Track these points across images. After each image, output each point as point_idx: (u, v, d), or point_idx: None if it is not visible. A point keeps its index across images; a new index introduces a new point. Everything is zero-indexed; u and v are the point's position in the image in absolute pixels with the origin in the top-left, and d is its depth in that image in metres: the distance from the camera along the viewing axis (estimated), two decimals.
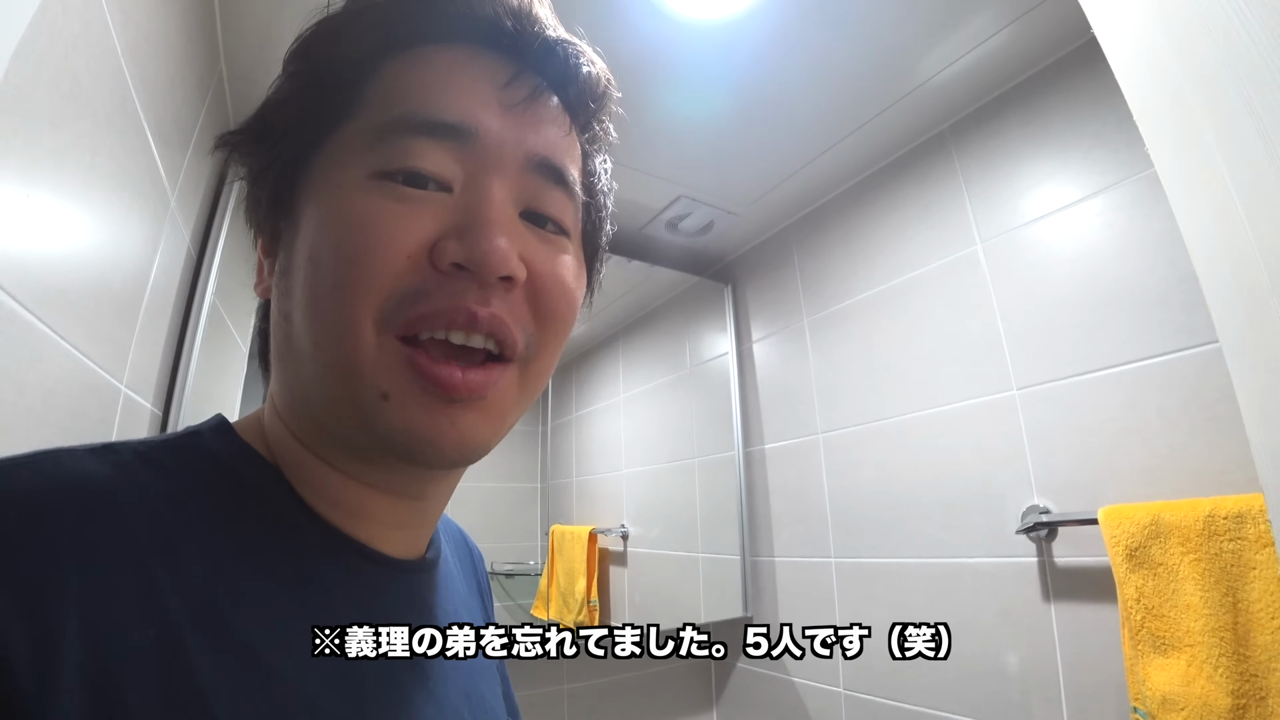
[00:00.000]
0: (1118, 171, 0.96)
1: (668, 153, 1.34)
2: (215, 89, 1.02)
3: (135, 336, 0.80)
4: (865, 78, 1.12)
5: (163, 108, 0.77)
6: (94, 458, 0.29)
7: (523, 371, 0.37)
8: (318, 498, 0.36)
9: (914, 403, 1.23)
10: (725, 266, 1.87)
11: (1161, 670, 0.75)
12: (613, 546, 2.06)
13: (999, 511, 1.05)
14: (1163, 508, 0.80)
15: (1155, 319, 0.89)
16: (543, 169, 0.36)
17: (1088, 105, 1.01)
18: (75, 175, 0.56)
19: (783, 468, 1.56)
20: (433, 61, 0.36)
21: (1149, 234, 0.91)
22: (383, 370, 0.32)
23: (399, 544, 0.39)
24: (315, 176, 0.35)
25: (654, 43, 1.03)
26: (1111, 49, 0.49)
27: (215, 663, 0.26)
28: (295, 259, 0.34)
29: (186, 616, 0.26)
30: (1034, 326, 1.05)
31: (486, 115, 0.35)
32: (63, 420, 0.59)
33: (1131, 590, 0.79)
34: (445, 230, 0.33)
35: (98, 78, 0.58)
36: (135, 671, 0.24)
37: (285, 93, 0.37)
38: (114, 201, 0.66)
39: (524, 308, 0.35)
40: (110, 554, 0.26)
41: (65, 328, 0.56)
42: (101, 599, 0.24)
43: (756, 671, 1.54)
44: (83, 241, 0.59)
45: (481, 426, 0.34)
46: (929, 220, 1.26)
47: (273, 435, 0.37)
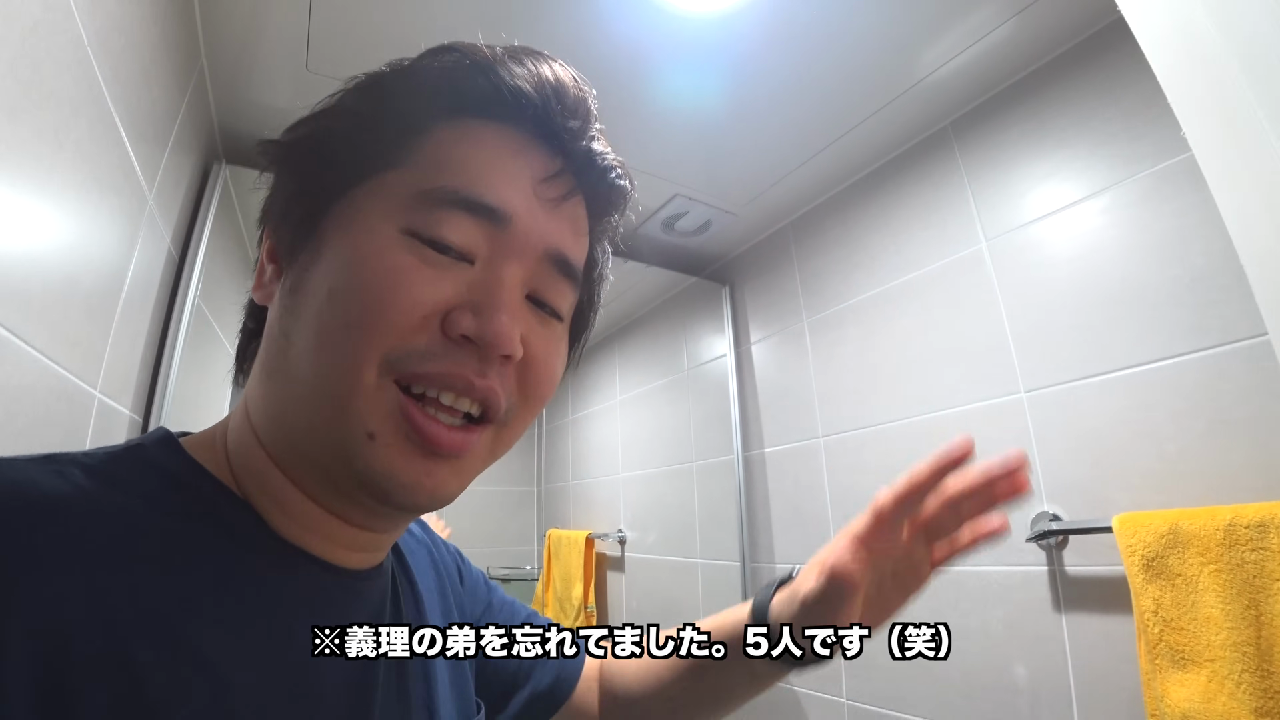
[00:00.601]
0: (1126, 167, 0.93)
1: (663, 150, 1.31)
2: (196, 84, 0.99)
3: (110, 339, 0.77)
4: (864, 73, 1.09)
5: (137, 101, 0.74)
6: (37, 467, 0.29)
7: (497, 433, 0.39)
8: (278, 511, 0.37)
9: (917, 406, 1.20)
10: (722, 267, 1.84)
11: (1181, 686, 0.72)
12: (610, 551, 2.03)
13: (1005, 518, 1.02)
14: (1180, 515, 0.77)
15: (1167, 319, 0.87)
16: (556, 262, 0.39)
17: (1094, 100, 0.99)
18: (37, 170, 0.53)
19: (782, 472, 1.53)
20: (486, 141, 0.38)
21: (1160, 231, 0.89)
22: (374, 412, 0.33)
23: (353, 561, 0.40)
24: (351, 211, 0.37)
25: (649, 37, 1.00)
26: (1140, 25, 0.46)
27: (166, 674, 0.26)
28: (310, 284, 0.36)
29: (136, 627, 0.26)
30: (1041, 327, 1.02)
31: (522, 204, 0.37)
32: (28, 428, 0.56)
33: (1149, 601, 0.76)
34: (461, 301, 0.35)
35: (62, 66, 0.55)
36: (84, 683, 0.24)
37: (343, 125, 0.39)
38: (83, 198, 0.63)
39: (512, 381, 0.38)
40: (57, 564, 0.26)
41: (28, 331, 0.54)
42: (49, 610, 0.24)
43: None
44: (47, 240, 0.56)
45: (452, 481, 0.37)
46: (931, 219, 1.23)
47: (238, 443, 0.38)
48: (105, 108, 0.65)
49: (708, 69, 1.08)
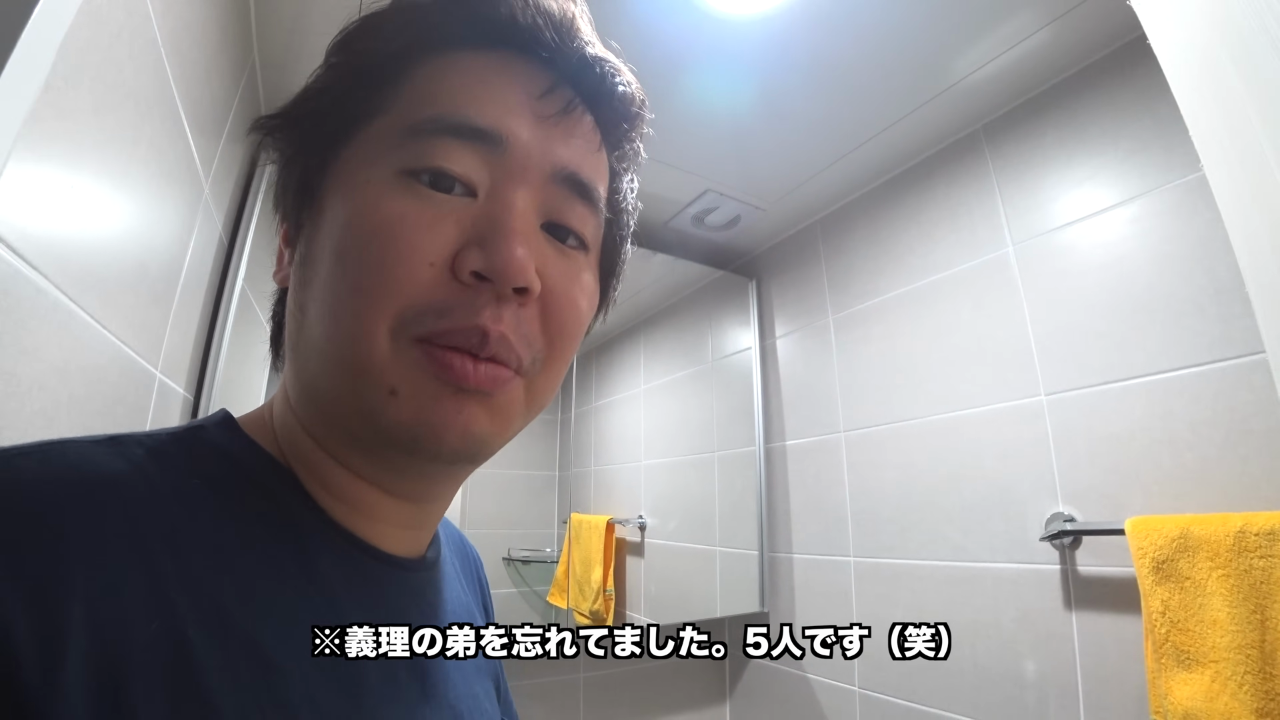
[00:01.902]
0: (1156, 177, 0.94)
1: (695, 146, 1.33)
2: (248, 77, 1.03)
3: (170, 322, 0.81)
4: (899, 75, 1.11)
5: (199, 96, 0.78)
6: (101, 449, 0.29)
7: (529, 386, 0.37)
8: (325, 492, 0.36)
9: (938, 405, 1.22)
10: (750, 261, 1.85)
11: (1184, 685, 0.74)
12: (630, 537, 2.07)
13: (1020, 517, 1.04)
14: (1192, 521, 0.78)
15: (1190, 329, 0.88)
16: (569, 182, 0.37)
17: (1127, 108, 0.99)
18: (116, 163, 0.56)
19: (803, 465, 1.56)
20: (470, 66, 0.36)
21: (1186, 242, 0.89)
22: (393, 369, 0.32)
23: (402, 543, 0.40)
24: (344, 169, 0.35)
25: (685, 36, 1.02)
26: (1162, 50, 0.48)
27: (220, 658, 0.26)
28: (317, 252, 0.35)
29: (192, 611, 0.26)
30: (1064, 332, 1.03)
31: (518, 124, 0.35)
32: (102, 406, 0.60)
33: (1157, 603, 0.78)
34: (468, 238, 0.33)
35: (140, 67, 0.58)
36: (140, 666, 0.24)
37: (323, 82, 0.38)
38: (152, 189, 0.67)
39: (534, 324, 0.36)
40: (117, 548, 0.26)
41: (105, 315, 0.57)
42: (108, 593, 0.24)
43: (771, 667, 1.55)
44: (122, 229, 0.60)
45: (485, 420, 0.34)
46: (959, 221, 1.24)
47: (283, 428, 0.37)
48: (173, 104, 0.69)
49: (742, 68, 1.10)
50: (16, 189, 0.39)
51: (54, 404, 0.49)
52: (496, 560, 1.66)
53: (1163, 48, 0.50)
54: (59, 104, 0.43)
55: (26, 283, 0.42)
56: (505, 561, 1.70)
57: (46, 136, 0.42)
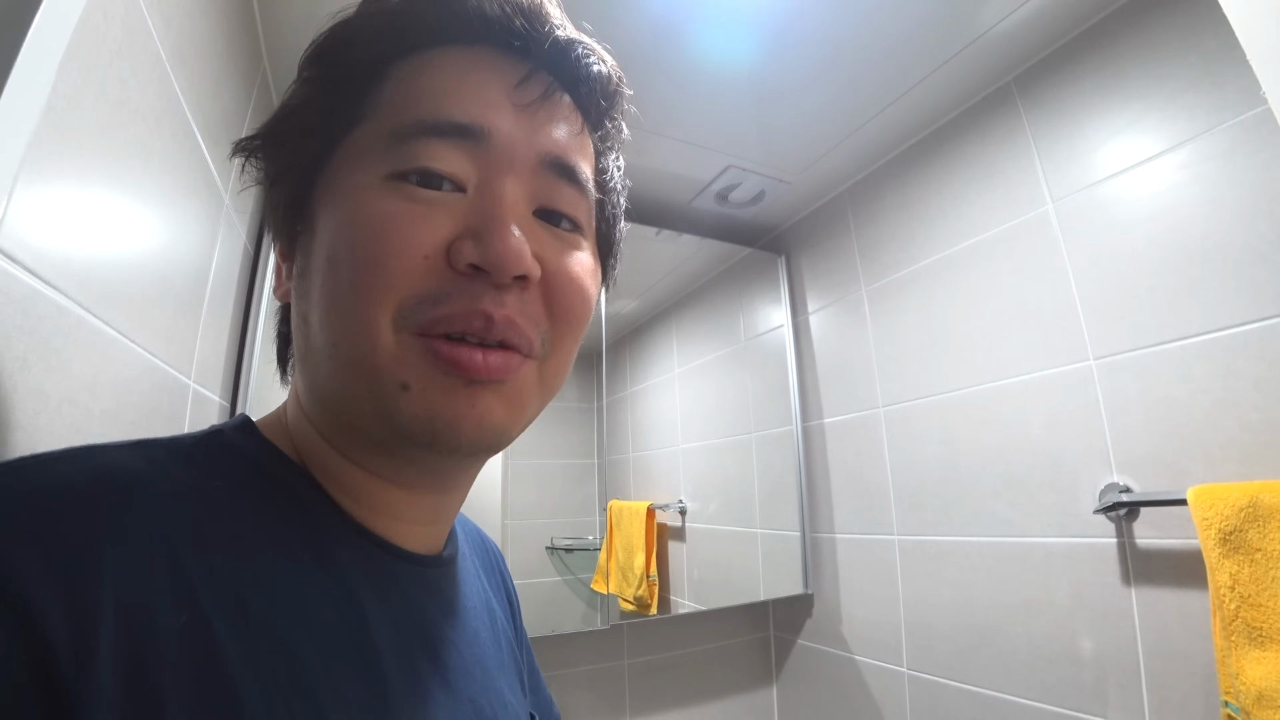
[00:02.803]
0: (1206, 119, 0.87)
1: (714, 122, 1.30)
2: (260, 87, 1.04)
3: (199, 333, 0.83)
4: (921, 31, 1.05)
5: (210, 108, 0.79)
6: (127, 452, 0.30)
7: (540, 369, 0.37)
8: (341, 492, 0.37)
9: (980, 375, 1.17)
10: (778, 236, 1.81)
11: (1258, 664, 0.69)
12: (671, 522, 2.07)
13: (1072, 489, 0.99)
14: (1262, 488, 0.73)
15: (1251, 280, 0.81)
16: (555, 167, 0.37)
17: (1170, 46, 0.92)
18: (130, 180, 0.57)
19: (842, 443, 1.52)
20: (444, 64, 0.36)
21: (1244, 186, 0.83)
22: (402, 364, 0.33)
23: (419, 539, 0.41)
24: (331, 180, 0.36)
25: (699, 7, 0.98)
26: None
27: (244, 650, 0.27)
28: (313, 262, 0.35)
29: (216, 605, 0.27)
30: (1112, 291, 0.97)
31: (498, 116, 0.35)
32: (136, 418, 0.61)
33: (1225, 577, 0.74)
34: (461, 231, 0.33)
35: (145, 82, 0.59)
36: (168, 658, 0.25)
37: (300, 97, 0.38)
38: (170, 203, 0.68)
39: (539, 306, 0.36)
40: (145, 542, 0.26)
41: (131, 329, 0.59)
42: (136, 585, 0.25)
43: (818, 649, 1.53)
44: (143, 244, 0.61)
45: (500, 410, 0.35)
46: (993, 181, 1.18)
47: (297, 431, 0.38)
48: (184, 117, 0.70)
49: (756, 37, 1.06)
50: (27, 211, 0.39)
51: (85, 417, 0.50)
52: (540, 549, 1.68)
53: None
54: (63, 125, 0.43)
55: (47, 302, 0.43)
56: (549, 550, 1.72)
57: (53, 158, 0.42)
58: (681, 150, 1.38)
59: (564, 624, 1.54)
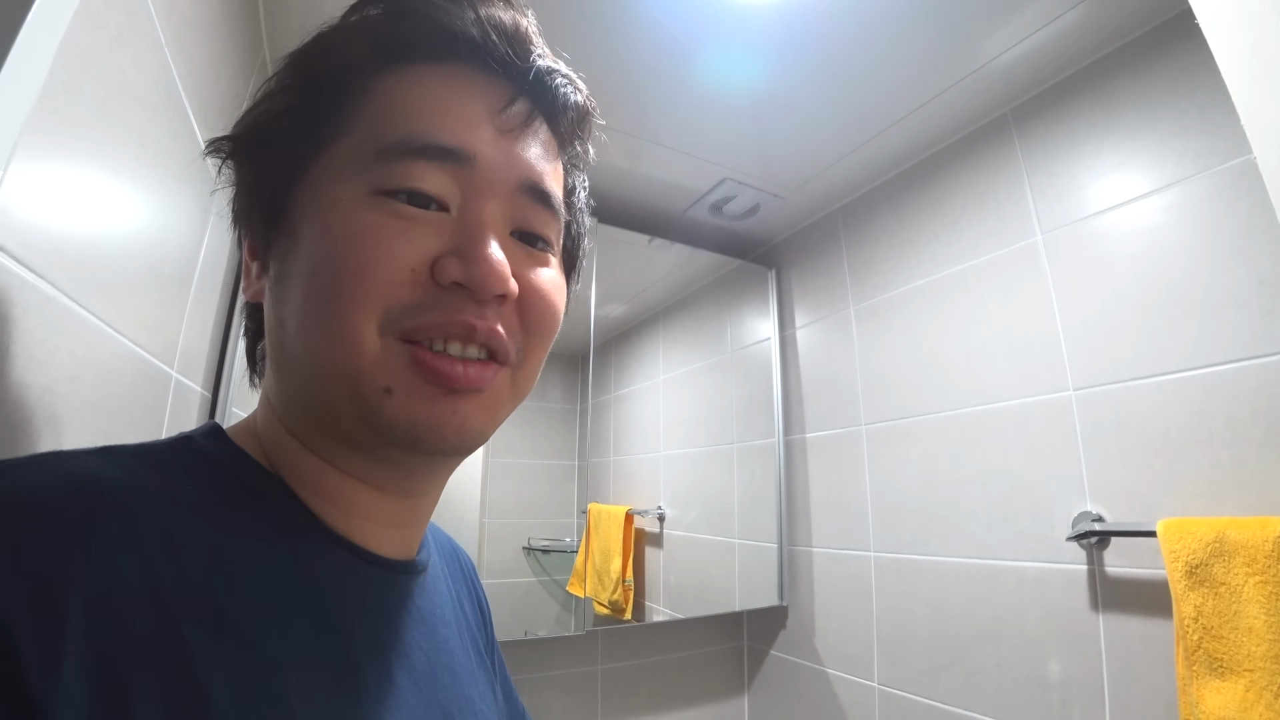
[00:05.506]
0: (1195, 162, 0.89)
1: (712, 134, 1.30)
2: (259, 73, 1.03)
3: (185, 322, 0.82)
4: (923, 58, 1.07)
5: (207, 95, 0.78)
6: (94, 458, 0.30)
7: (513, 375, 0.39)
8: (314, 496, 0.37)
9: (962, 399, 1.19)
10: (769, 250, 1.82)
11: (1217, 693, 0.71)
12: (649, 527, 2.07)
13: (1047, 515, 1.01)
14: (1228, 524, 0.75)
15: (1229, 323, 0.84)
16: (532, 192, 0.39)
17: (1165, 90, 0.94)
18: (123, 167, 0.56)
19: (824, 458, 1.54)
20: (429, 80, 0.37)
21: (1227, 231, 0.85)
22: (385, 368, 0.34)
23: (392, 544, 0.41)
24: (314, 188, 0.36)
25: (701, 18, 0.99)
26: (1210, 25, 0.45)
27: (215, 656, 0.27)
28: (292, 268, 0.36)
29: (187, 610, 0.27)
30: (1095, 325, 1.00)
31: (482, 140, 0.37)
32: (117, 408, 0.60)
33: (1189, 608, 0.75)
34: (446, 249, 0.35)
35: (145, 69, 0.58)
36: (138, 663, 0.24)
37: (281, 104, 0.38)
38: (161, 191, 0.67)
39: (514, 319, 0.38)
40: (113, 549, 0.26)
41: (117, 318, 0.58)
42: (105, 592, 0.25)
43: (791, 660, 1.54)
44: (132, 233, 0.60)
45: (479, 415, 0.36)
46: (986, 209, 1.20)
47: (269, 436, 0.39)
48: (180, 104, 0.69)
49: (759, 54, 1.07)
50: (18, 198, 0.38)
51: (65, 409, 0.49)
52: (517, 549, 1.67)
53: (1210, 23, 0.47)
54: (60, 110, 0.42)
55: (34, 291, 0.42)
56: (525, 550, 1.71)
57: (48, 144, 0.42)
58: (678, 160, 1.38)
59: (539, 626, 1.53)
